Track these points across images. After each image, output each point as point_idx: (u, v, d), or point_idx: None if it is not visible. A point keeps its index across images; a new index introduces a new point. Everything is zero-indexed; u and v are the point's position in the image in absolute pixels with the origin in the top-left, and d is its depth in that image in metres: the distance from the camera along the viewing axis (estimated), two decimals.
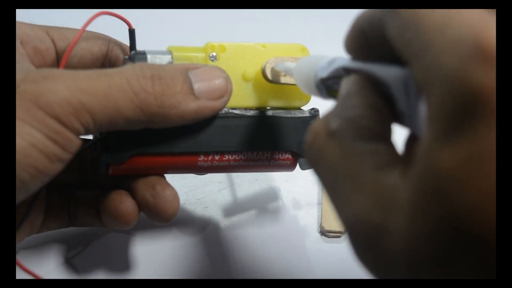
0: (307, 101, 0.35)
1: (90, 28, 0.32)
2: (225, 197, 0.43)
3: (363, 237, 0.19)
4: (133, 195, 0.33)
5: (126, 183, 0.33)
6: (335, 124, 0.21)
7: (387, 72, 0.21)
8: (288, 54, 0.34)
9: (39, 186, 0.27)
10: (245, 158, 0.33)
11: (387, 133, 0.21)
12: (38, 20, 0.34)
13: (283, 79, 0.33)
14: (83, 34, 0.33)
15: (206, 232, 0.41)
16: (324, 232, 0.40)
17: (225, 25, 0.59)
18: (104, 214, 0.33)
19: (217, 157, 0.33)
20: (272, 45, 0.34)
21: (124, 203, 0.32)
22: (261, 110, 0.34)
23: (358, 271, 0.38)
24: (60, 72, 0.27)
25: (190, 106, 0.29)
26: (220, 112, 0.32)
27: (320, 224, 0.41)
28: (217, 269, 0.38)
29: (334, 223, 0.40)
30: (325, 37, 0.61)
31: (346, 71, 0.24)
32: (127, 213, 0.32)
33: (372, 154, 0.20)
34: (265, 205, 0.43)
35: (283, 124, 0.34)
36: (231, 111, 0.33)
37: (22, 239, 0.34)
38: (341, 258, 0.39)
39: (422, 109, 0.19)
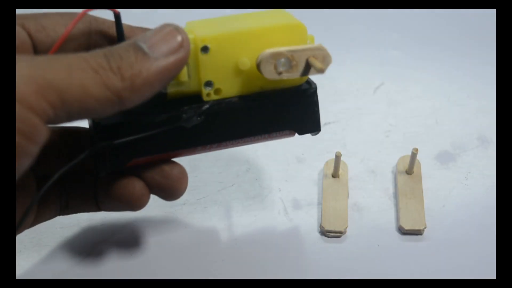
0: (303, 81, 0.34)
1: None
2: (225, 197, 0.43)
3: None
4: (141, 177, 0.33)
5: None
6: None
7: None
8: (287, 38, 0.32)
9: None
10: (242, 141, 0.34)
11: None
12: None
13: (286, 75, 0.32)
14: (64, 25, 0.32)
15: (206, 233, 0.41)
16: (324, 232, 0.40)
17: None
18: (112, 199, 0.33)
19: (215, 145, 0.34)
20: (266, 29, 0.32)
21: (136, 186, 0.33)
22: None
23: (358, 271, 0.38)
24: (18, 55, 0.26)
25: (152, 69, 0.28)
26: (213, 104, 0.32)
27: (320, 224, 0.41)
28: (217, 269, 0.38)
29: (334, 223, 0.40)
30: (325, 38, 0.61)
31: None
32: (140, 195, 0.33)
33: None
34: (265, 205, 0.43)
35: (278, 102, 0.33)
36: (224, 100, 0.32)
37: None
38: (341, 258, 0.39)
39: None
